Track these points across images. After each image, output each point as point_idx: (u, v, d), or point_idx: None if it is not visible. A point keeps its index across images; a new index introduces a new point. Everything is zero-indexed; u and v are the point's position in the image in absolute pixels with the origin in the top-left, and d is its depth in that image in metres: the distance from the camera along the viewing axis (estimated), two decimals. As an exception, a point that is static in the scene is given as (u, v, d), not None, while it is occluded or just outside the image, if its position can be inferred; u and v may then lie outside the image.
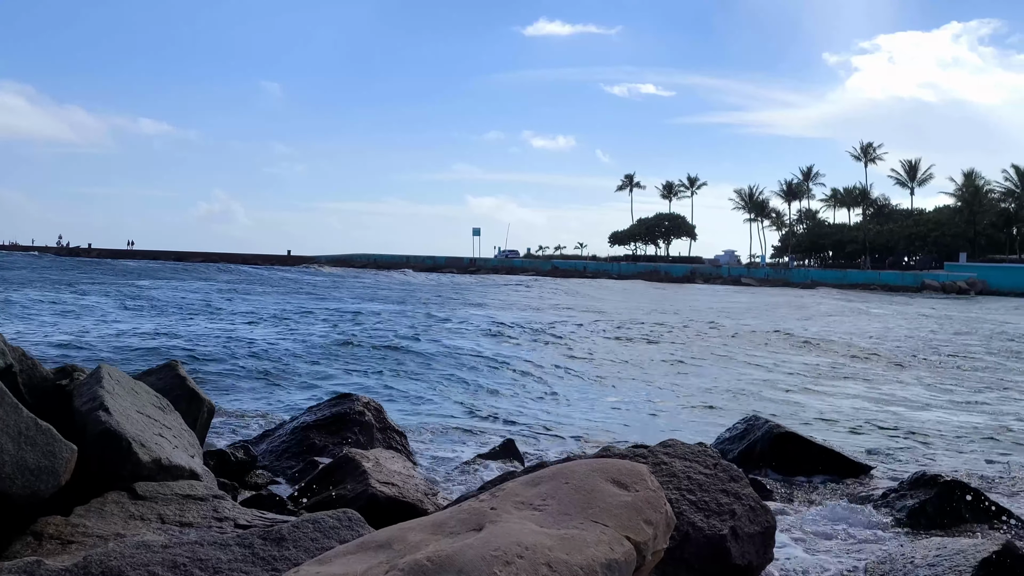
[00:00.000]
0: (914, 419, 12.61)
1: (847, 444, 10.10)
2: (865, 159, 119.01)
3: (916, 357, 21.77)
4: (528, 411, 12.39)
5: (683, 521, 4.88)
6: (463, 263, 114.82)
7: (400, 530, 2.54)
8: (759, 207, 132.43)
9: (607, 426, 11.34)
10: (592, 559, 2.33)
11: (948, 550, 5.35)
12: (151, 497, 4.99)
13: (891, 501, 7.30)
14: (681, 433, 9.25)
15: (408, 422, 10.27)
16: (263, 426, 9.62)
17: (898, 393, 15.28)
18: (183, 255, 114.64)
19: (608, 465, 2.83)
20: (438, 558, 2.21)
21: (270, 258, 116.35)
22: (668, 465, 5.24)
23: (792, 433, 8.74)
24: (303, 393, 13.11)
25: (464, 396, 13.47)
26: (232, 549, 3.56)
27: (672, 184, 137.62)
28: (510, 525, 2.43)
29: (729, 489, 5.17)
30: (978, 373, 18.92)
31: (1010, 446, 10.80)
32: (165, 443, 5.56)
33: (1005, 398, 15.18)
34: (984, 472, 9.07)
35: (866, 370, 18.85)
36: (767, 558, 5.11)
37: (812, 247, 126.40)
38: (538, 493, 2.68)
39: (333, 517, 3.80)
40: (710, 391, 14.81)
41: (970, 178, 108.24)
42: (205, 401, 7.10)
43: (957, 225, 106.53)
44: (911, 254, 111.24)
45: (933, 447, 10.60)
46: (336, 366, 16.20)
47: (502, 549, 2.25)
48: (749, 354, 21.03)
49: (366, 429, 7.93)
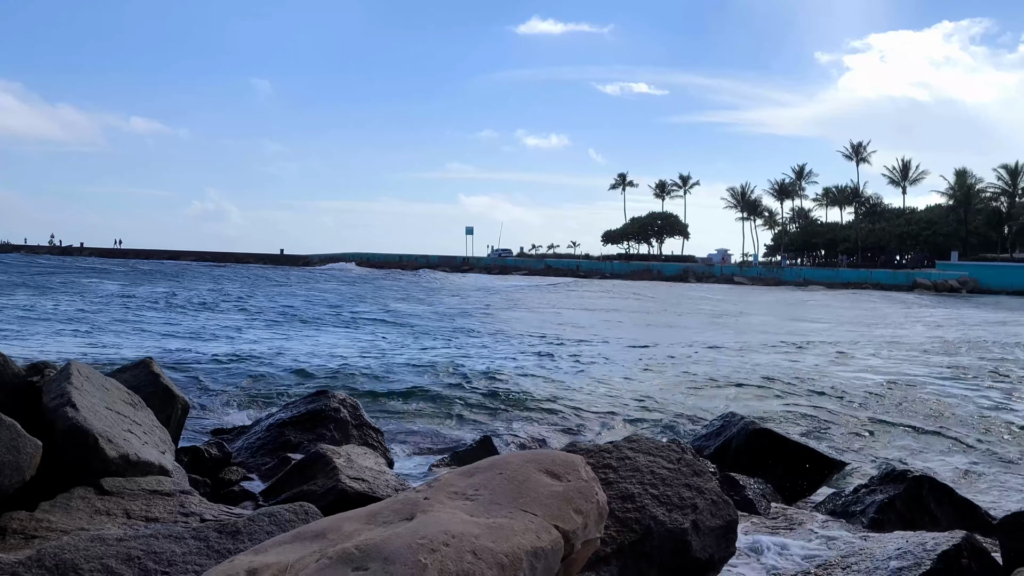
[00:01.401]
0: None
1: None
2: (856, 158, 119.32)
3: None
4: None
5: (645, 515, 4.92)
6: (456, 262, 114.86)
7: (336, 520, 2.59)
8: (752, 206, 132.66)
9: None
10: (518, 547, 2.38)
11: (911, 543, 5.41)
12: (118, 492, 5.03)
13: (861, 497, 7.37)
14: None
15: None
16: (242, 422, 9.66)
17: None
18: (176, 254, 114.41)
19: (543, 456, 2.87)
20: (366, 546, 2.26)
21: (263, 257, 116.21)
22: (632, 460, 5.28)
23: (767, 430, 8.81)
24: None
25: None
26: (187, 542, 3.60)
27: (665, 183, 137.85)
28: (440, 514, 2.48)
29: (692, 483, 5.21)
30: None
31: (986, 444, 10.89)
32: (134, 439, 5.60)
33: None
34: (957, 467, 9.15)
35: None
36: (729, 551, 5.15)
37: (804, 246, 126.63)
38: (472, 483, 2.73)
39: (290, 511, 3.84)
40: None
41: (962, 177, 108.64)
42: (179, 398, 7.14)
43: (949, 224, 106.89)
44: (903, 253, 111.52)
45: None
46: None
47: (429, 537, 2.30)
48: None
49: (341, 426, 7.97)
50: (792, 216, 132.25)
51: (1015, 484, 8.85)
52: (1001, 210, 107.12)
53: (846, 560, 5.53)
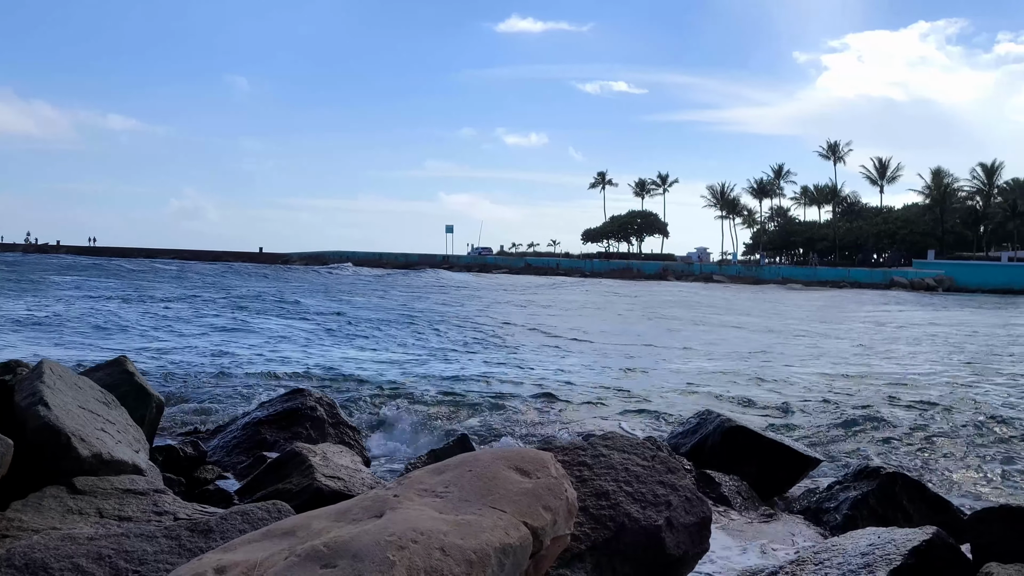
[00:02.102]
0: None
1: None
2: (834, 157, 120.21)
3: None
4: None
5: (619, 512, 4.94)
6: (436, 260, 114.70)
7: (306, 518, 2.59)
8: (731, 204, 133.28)
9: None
10: (486, 543, 2.39)
11: (881, 539, 5.46)
12: (90, 491, 5.01)
13: (835, 493, 7.43)
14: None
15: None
16: (217, 422, 9.62)
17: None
18: (154, 252, 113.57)
19: (512, 453, 2.89)
20: (334, 543, 2.27)
21: (242, 255, 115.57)
22: (607, 457, 5.31)
23: (742, 427, 8.84)
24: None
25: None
26: (159, 541, 3.59)
27: (644, 181, 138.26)
28: (409, 512, 2.49)
29: (666, 480, 5.24)
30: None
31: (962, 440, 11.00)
32: (108, 438, 5.57)
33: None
34: (930, 464, 9.24)
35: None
36: (703, 548, 5.19)
37: (783, 244, 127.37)
38: (441, 481, 2.74)
39: (262, 509, 3.84)
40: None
41: (938, 176, 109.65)
42: (154, 397, 7.11)
43: (926, 223, 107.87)
44: (880, 251, 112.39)
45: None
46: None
47: (397, 534, 2.30)
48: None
49: (318, 424, 7.95)
50: (771, 215, 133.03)
51: (987, 480, 8.95)
52: (977, 209, 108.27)
53: (818, 556, 5.57)
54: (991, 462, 9.72)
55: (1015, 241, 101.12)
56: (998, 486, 8.68)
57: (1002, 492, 8.46)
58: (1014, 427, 11.91)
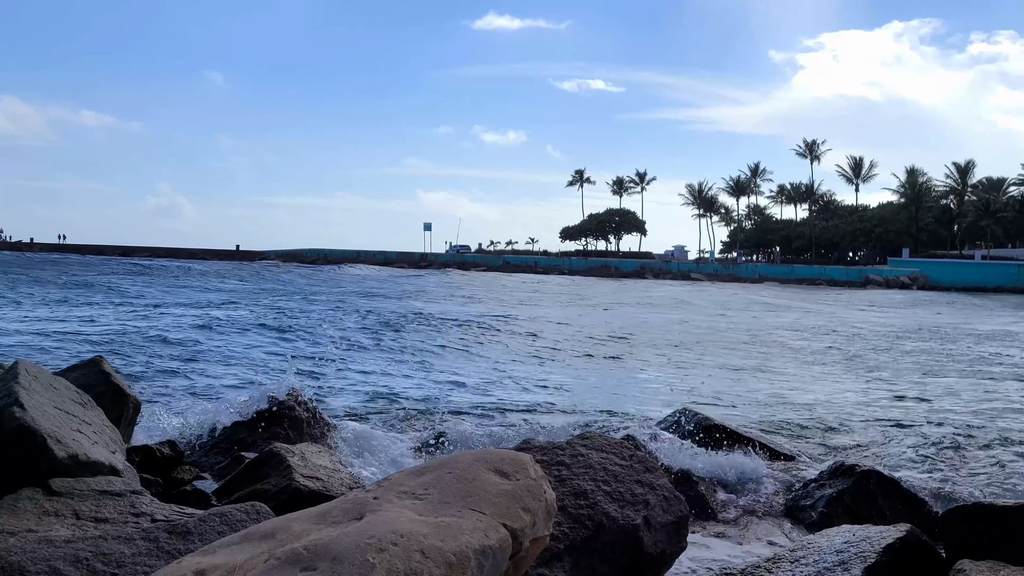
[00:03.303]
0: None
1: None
2: (810, 156, 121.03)
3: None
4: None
5: (597, 511, 4.98)
6: (414, 258, 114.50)
7: (286, 521, 2.60)
8: (708, 203, 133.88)
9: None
10: (466, 545, 2.41)
11: (856, 537, 5.52)
12: (67, 493, 4.96)
13: (811, 491, 7.50)
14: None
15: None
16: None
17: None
18: (129, 250, 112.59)
19: (492, 455, 2.90)
20: (314, 546, 2.27)
21: (218, 253, 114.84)
22: (585, 457, 5.34)
23: (720, 424, 8.92)
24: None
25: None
26: (136, 543, 3.57)
27: (622, 180, 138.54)
28: (389, 514, 2.50)
29: (644, 480, 5.28)
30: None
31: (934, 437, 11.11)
32: (84, 439, 5.53)
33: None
34: (904, 461, 9.33)
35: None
36: (680, 547, 5.23)
37: (760, 243, 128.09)
38: (421, 483, 2.75)
39: (241, 510, 3.83)
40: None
41: (912, 175, 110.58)
42: (130, 397, 7.07)
43: (900, 221, 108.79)
44: (856, 249, 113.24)
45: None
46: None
47: (377, 537, 2.31)
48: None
49: (296, 424, 7.94)
50: (748, 213, 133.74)
51: (962, 477, 9.05)
52: (951, 208, 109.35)
53: (794, 554, 5.63)
54: (966, 460, 9.83)
55: (988, 239, 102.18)
56: (973, 484, 8.77)
57: (975, 490, 8.55)
58: (985, 426, 12.05)
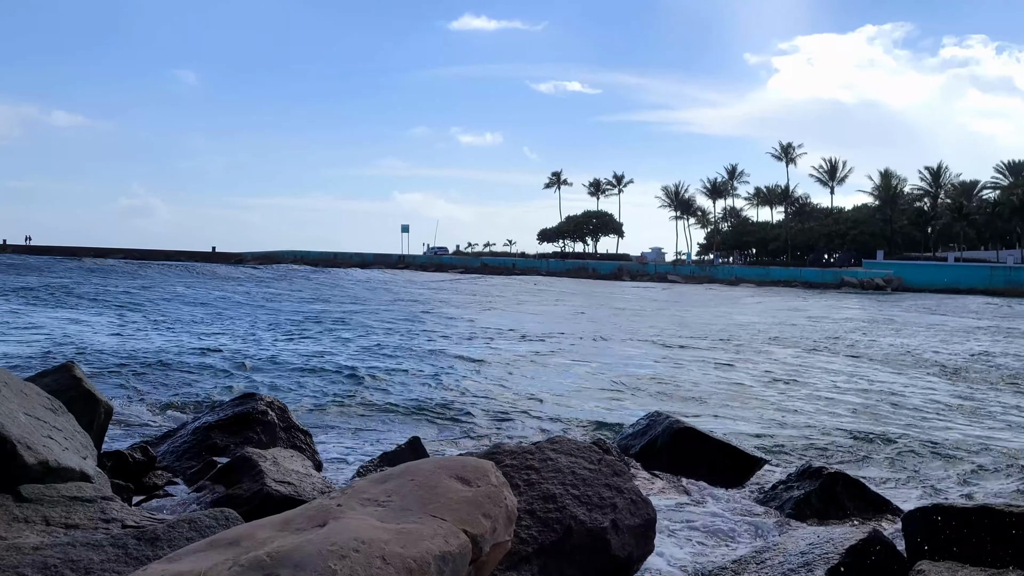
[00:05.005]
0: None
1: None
2: (786, 158, 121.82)
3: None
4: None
5: (566, 515, 5.04)
6: (392, 260, 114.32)
7: (250, 528, 2.64)
8: (685, 205, 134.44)
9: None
10: (426, 551, 2.46)
11: (821, 538, 5.62)
12: (36, 499, 4.97)
13: (779, 493, 7.61)
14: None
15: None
16: (169, 426, 9.56)
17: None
18: (103, 251, 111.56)
19: (454, 462, 2.96)
20: (277, 553, 2.32)
21: (194, 255, 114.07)
22: (554, 461, 5.40)
23: (691, 428, 9.00)
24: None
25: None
26: (105, 550, 3.60)
27: (599, 182, 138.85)
28: (351, 521, 2.55)
29: (612, 483, 5.35)
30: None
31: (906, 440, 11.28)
32: (55, 445, 5.54)
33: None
34: (874, 464, 9.46)
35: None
36: (647, 549, 5.30)
37: (736, 244, 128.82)
38: (384, 490, 2.80)
39: (210, 516, 3.86)
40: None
41: (887, 178, 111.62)
42: (102, 402, 7.06)
43: (875, 223, 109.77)
44: (831, 251, 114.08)
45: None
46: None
47: (339, 544, 2.37)
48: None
49: (269, 429, 7.95)
50: (724, 215, 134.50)
51: (923, 479, 9.19)
52: (924, 210, 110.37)
53: (760, 556, 5.72)
54: (930, 461, 9.98)
55: (961, 242, 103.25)
56: (933, 485, 8.92)
57: (937, 491, 8.70)
58: (952, 426, 12.23)
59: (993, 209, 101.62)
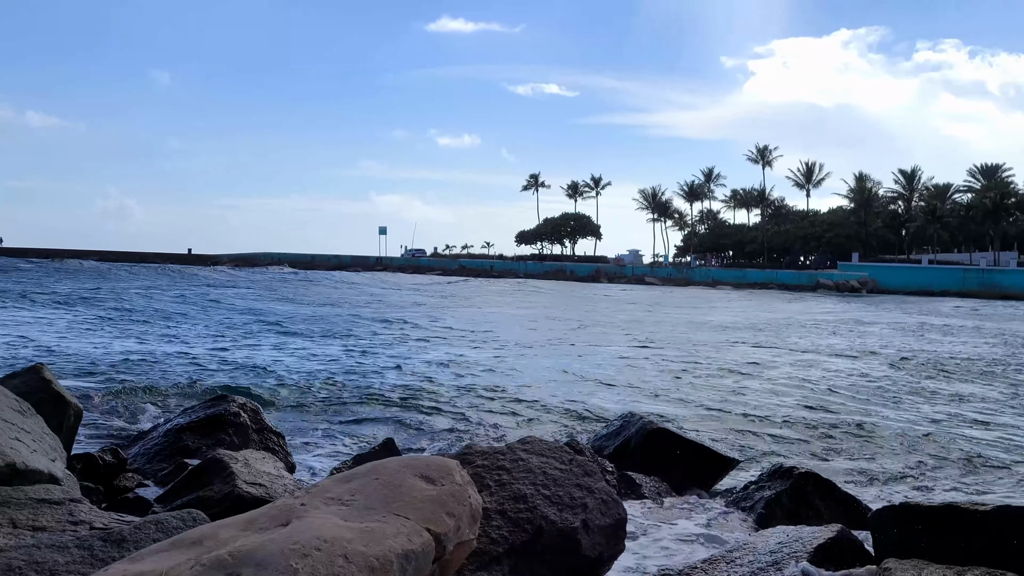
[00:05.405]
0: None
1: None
2: (762, 161, 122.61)
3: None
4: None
5: (536, 515, 5.04)
6: (369, 262, 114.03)
7: (214, 528, 2.63)
8: (662, 207, 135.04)
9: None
10: (389, 550, 2.47)
11: (790, 537, 5.67)
12: (3, 502, 4.93)
13: (751, 493, 7.65)
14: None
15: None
16: (140, 428, 9.50)
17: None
18: (76, 253, 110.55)
19: (419, 461, 2.97)
20: (239, 552, 2.32)
21: (170, 256, 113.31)
22: (525, 461, 5.40)
23: (664, 429, 9.04)
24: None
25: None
26: (71, 551, 3.58)
27: (577, 184, 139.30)
28: (314, 520, 2.55)
29: (583, 483, 5.36)
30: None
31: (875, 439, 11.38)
32: (23, 447, 5.49)
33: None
34: (847, 463, 9.55)
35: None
36: (618, 549, 5.32)
37: (713, 247, 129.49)
38: (348, 489, 2.81)
39: (177, 517, 3.85)
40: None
41: (861, 181, 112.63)
42: (72, 404, 7.01)
43: (850, 226, 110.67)
44: (807, 254, 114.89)
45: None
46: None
47: (301, 542, 2.37)
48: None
49: (241, 430, 7.91)
50: (701, 217, 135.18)
51: (895, 478, 9.28)
52: (899, 213, 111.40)
53: (731, 555, 5.76)
54: (900, 460, 10.08)
55: (935, 244, 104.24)
56: (905, 483, 9.01)
57: (907, 490, 8.78)
58: (919, 425, 12.36)
59: (966, 212, 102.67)
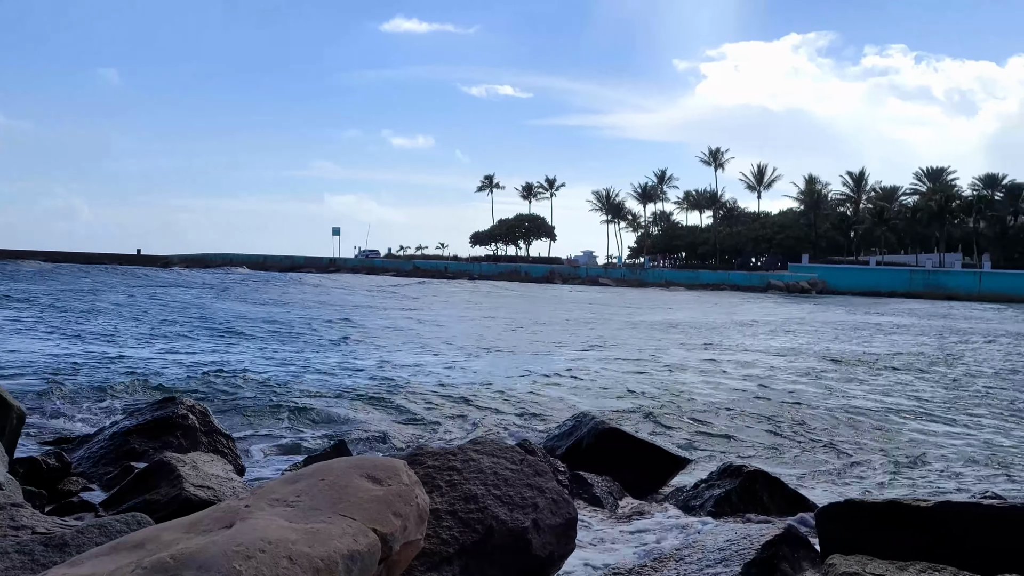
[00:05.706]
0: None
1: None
2: (714, 163, 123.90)
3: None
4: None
5: (487, 515, 5.05)
6: (322, 263, 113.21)
7: (156, 530, 2.60)
8: (616, 209, 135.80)
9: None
10: (334, 551, 2.46)
11: (738, 535, 5.74)
12: (-58, 508, 4.83)
13: (701, 491, 7.74)
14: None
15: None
16: (86, 431, 9.34)
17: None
18: (19, 254, 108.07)
19: (365, 462, 2.96)
20: (181, 555, 2.29)
21: (118, 257, 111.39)
22: (476, 462, 5.41)
23: (616, 429, 9.09)
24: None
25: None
26: (10, 556, 3.51)
27: (531, 185, 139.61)
28: (258, 521, 2.53)
29: (533, 483, 5.38)
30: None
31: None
32: (-38, 452, 5.39)
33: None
34: (795, 460, 9.68)
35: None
36: (569, 548, 5.34)
37: (666, 248, 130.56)
38: (294, 490, 2.79)
39: (121, 521, 3.79)
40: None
41: (811, 183, 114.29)
42: (14, 408, 6.87)
43: (800, 228, 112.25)
44: (758, 255, 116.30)
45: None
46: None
47: (245, 544, 2.34)
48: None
49: (190, 433, 7.82)
50: (654, 219, 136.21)
51: (841, 474, 9.43)
52: (847, 215, 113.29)
53: (680, 553, 5.81)
54: (846, 458, 10.25)
55: (882, 246, 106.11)
56: (851, 479, 9.16)
57: (851, 487, 8.93)
58: (869, 421, 12.57)
59: (913, 214, 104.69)
